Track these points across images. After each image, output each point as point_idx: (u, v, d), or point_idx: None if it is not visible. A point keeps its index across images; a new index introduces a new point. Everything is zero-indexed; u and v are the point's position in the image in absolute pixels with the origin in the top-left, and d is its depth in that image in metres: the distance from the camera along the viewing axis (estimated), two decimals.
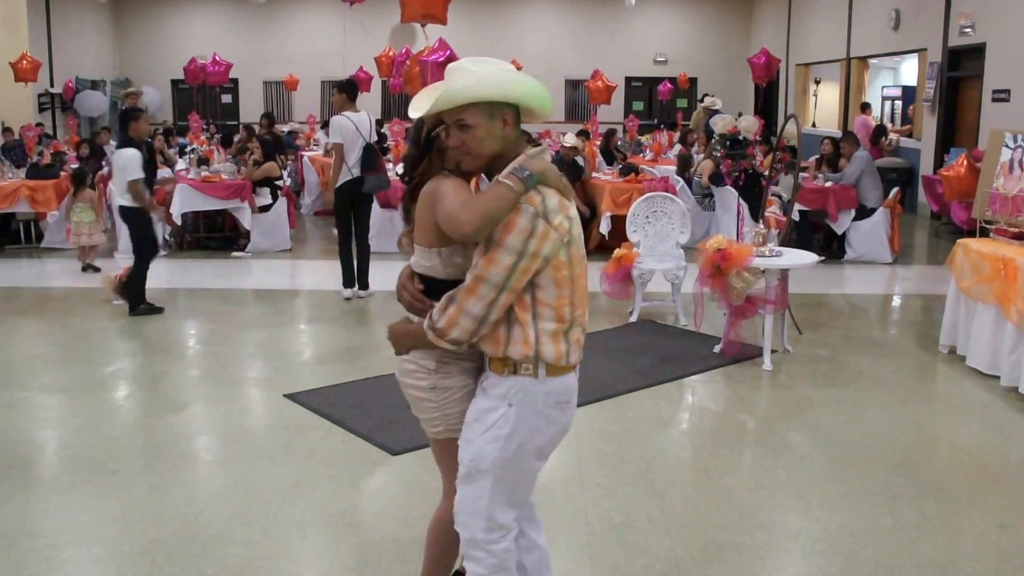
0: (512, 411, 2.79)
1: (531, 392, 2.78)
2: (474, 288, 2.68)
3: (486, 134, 2.75)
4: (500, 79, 2.75)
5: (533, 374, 2.77)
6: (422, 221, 2.87)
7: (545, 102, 2.81)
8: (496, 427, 2.80)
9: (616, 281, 7.70)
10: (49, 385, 6.24)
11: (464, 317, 2.70)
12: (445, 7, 10.25)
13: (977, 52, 13.15)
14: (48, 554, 3.89)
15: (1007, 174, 6.72)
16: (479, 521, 2.86)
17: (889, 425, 5.49)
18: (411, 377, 2.96)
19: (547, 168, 2.71)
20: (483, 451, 2.81)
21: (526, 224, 2.65)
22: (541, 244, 2.66)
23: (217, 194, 11.02)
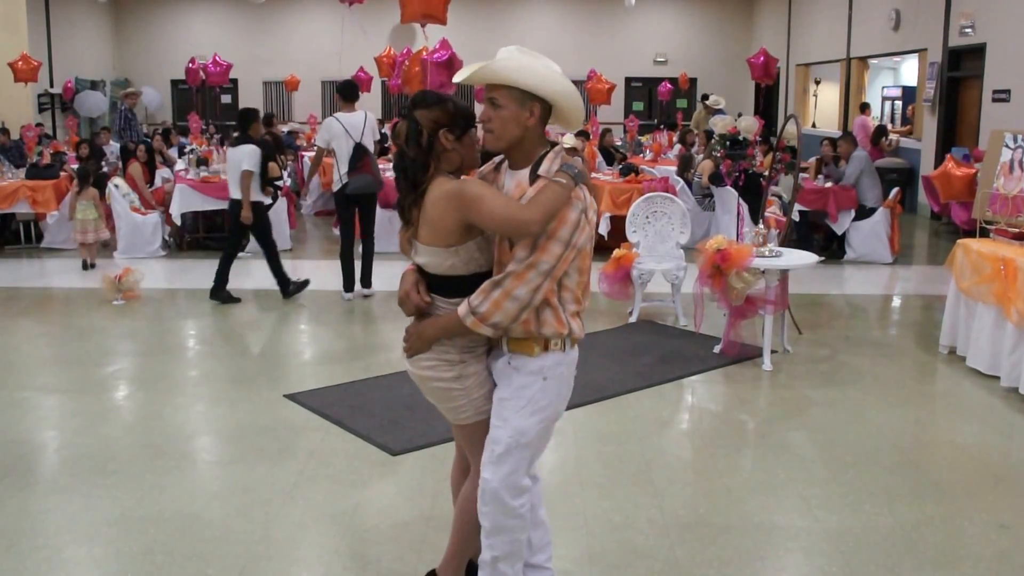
0: (548, 383, 3.07)
1: (561, 363, 3.08)
2: (523, 275, 2.89)
3: (513, 118, 2.96)
4: (543, 75, 2.98)
5: (562, 348, 3.07)
6: (441, 223, 2.97)
7: (576, 110, 3.06)
8: (534, 401, 3.06)
9: (615, 281, 7.70)
10: (49, 385, 6.24)
11: (511, 302, 2.90)
12: (445, 7, 10.26)
13: (977, 52, 13.15)
14: (48, 554, 3.89)
15: (1007, 174, 6.72)
16: (512, 491, 3.08)
17: (889, 425, 5.49)
18: (434, 371, 3.10)
19: (585, 168, 3.00)
20: (523, 426, 3.06)
21: (576, 218, 2.90)
22: (580, 236, 2.93)
23: (217, 194, 11.00)
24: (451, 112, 3.02)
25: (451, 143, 3.01)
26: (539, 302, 2.94)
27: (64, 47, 20.91)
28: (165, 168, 13.45)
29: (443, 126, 2.99)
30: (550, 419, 3.14)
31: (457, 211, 2.92)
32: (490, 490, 3.07)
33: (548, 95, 2.98)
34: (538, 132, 3.01)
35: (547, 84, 2.97)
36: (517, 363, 3.07)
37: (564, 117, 3.06)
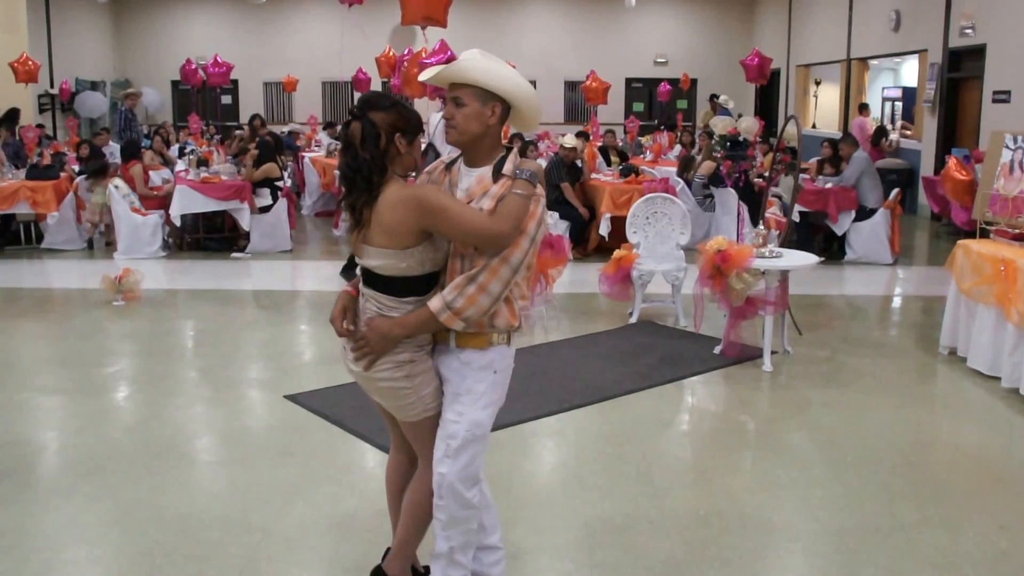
0: (498, 376, 3.19)
1: (507, 356, 3.21)
2: (497, 269, 2.99)
3: (475, 116, 3.06)
4: (502, 75, 3.08)
5: (507, 341, 3.19)
6: (399, 228, 2.99)
7: (533, 110, 3.15)
8: (487, 395, 3.16)
9: (616, 282, 7.70)
10: (49, 386, 6.24)
11: (485, 297, 3.00)
12: (446, 9, 10.25)
13: (977, 53, 13.15)
14: (48, 555, 3.89)
15: (1007, 175, 6.72)
16: (468, 483, 3.17)
17: (889, 426, 5.49)
18: (384, 373, 3.13)
19: (539, 166, 3.12)
20: (479, 418, 3.15)
21: (540, 212, 3.03)
22: (539, 231, 3.06)
23: (217, 195, 11.02)
24: (406, 117, 3.06)
25: (404, 147, 3.05)
26: (505, 292, 3.05)
27: (64, 48, 20.91)
28: (166, 169, 13.46)
29: (399, 130, 3.03)
30: (497, 411, 3.25)
31: (418, 218, 2.96)
32: (447, 484, 3.14)
33: (508, 95, 3.08)
34: (497, 131, 3.12)
35: (507, 84, 3.07)
36: (467, 358, 3.15)
37: (521, 118, 3.17)
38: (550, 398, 5.83)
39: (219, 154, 13.26)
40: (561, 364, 6.59)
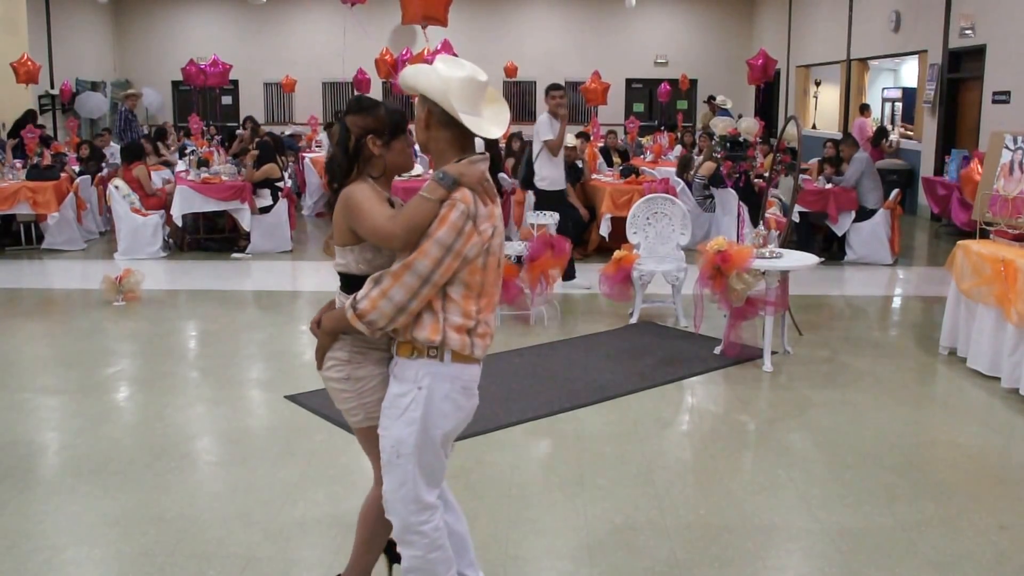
0: (422, 394, 2.94)
1: (439, 375, 2.94)
2: (400, 275, 2.83)
3: (419, 122, 3.00)
4: (419, 73, 2.95)
5: (439, 358, 2.93)
6: (337, 223, 3.05)
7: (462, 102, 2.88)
8: (410, 411, 2.95)
9: (616, 283, 7.71)
10: (50, 386, 6.24)
11: (385, 302, 2.85)
12: (446, 9, 10.26)
13: (977, 54, 13.16)
14: (49, 555, 3.89)
15: (1007, 176, 6.73)
16: (409, 505, 3.01)
17: (889, 426, 5.49)
18: (328, 370, 3.13)
19: (468, 171, 2.86)
20: (401, 435, 2.97)
21: (458, 220, 2.81)
22: (465, 245, 2.83)
23: (217, 195, 11.03)
24: (380, 118, 3.05)
25: (379, 148, 3.04)
26: (418, 308, 2.86)
27: (64, 48, 20.91)
28: (165, 169, 13.47)
29: (371, 131, 3.03)
30: (431, 436, 2.97)
31: (345, 216, 2.98)
32: (386, 500, 3.05)
33: (420, 91, 2.93)
34: (442, 135, 2.95)
35: (417, 81, 2.94)
36: (397, 369, 3.01)
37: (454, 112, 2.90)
38: (550, 398, 5.83)
39: (219, 154, 13.27)
40: (561, 364, 6.60)
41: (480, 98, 2.97)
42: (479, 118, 2.94)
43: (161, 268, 10.39)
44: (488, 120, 2.97)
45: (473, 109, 2.93)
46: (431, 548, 3.05)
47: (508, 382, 6.12)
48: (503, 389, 5.96)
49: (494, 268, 2.97)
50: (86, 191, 12.25)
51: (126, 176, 11.39)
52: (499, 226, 2.96)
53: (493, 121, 2.98)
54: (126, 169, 11.52)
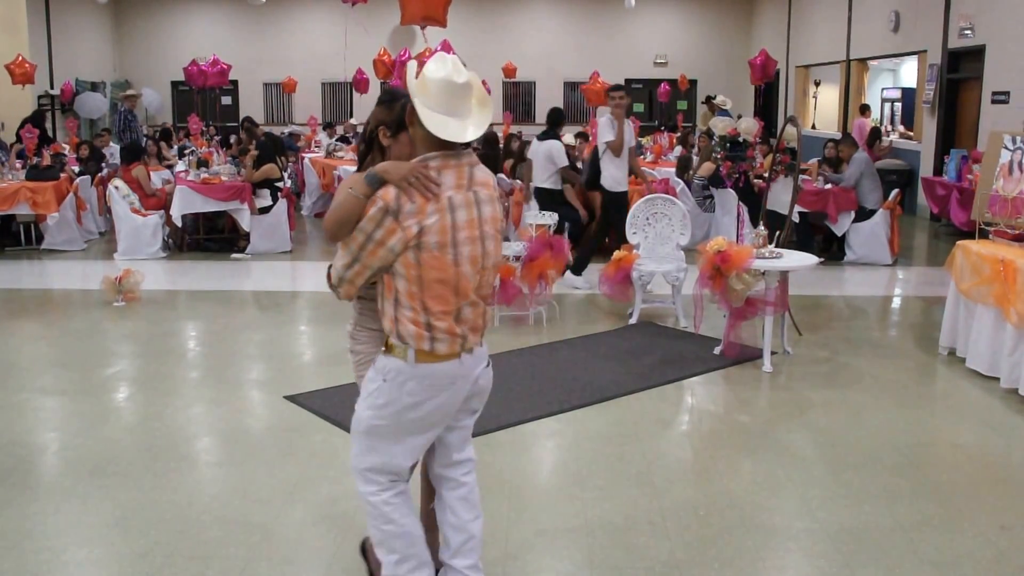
0: (385, 387, 3.07)
1: (402, 373, 3.04)
2: (345, 246, 3.00)
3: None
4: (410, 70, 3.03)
5: (403, 356, 3.02)
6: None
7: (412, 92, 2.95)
8: (373, 397, 3.12)
9: (616, 283, 7.71)
10: (49, 387, 6.24)
11: (334, 269, 3.06)
12: (445, 9, 10.26)
13: (977, 54, 13.16)
14: (48, 556, 3.89)
15: (1006, 176, 6.73)
16: (358, 474, 3.21)
17: (889, 426, 5.49)
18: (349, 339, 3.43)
19: (391, 168, 2.93)
20: (361, 415, 3.16)
21: (375, 214, 2.90)
22: (387, 237, 2.91)
23: (217, 196, 11.03)
24: (393, 111, 3.18)
25: (387, 140, 3.18)
26: (353, 281, 3.00)
27: (64, 49, 20.91)
28: (165, 169, 13.47)
29: (383, 123, 3.16)
30: (389, 424, 3.09)
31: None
32: (352, 467, 3.25)
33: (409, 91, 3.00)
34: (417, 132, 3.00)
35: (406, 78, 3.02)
36: (377, 356, 3.16)
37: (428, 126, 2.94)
38: (550, 398, 5.83)
39: (219, 155, 13.27)
40: (561, 364, 6.60)
41: (460, 99, 2.96)
42: (452, 118, 2.95)
43: (161, 268, 10.39)
44: (464, 122, 2.97)
45: (450, 110, 2.95)
46: (382, 520, 3.18)
47: (508, 383, 6.12)
48: (503, 390, 5.96)
49: (438, 265, 2.94)
50: (86, 191, 12.25)
51: (126, 176, 11.40)
52: (433, 223, 2.90)
53: (471, 124, 2.98)
54: (125, 169, 11.53)
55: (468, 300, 3.04)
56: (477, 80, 3.04)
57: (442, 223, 2.92)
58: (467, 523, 3.28)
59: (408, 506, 3.24)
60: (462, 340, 3.05)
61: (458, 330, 3.03)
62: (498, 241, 3.14)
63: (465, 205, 2.98)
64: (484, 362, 3.22)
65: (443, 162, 2.96)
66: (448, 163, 2.96)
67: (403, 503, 3.22)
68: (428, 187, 2.90)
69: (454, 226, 2.94)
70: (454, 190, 2.96)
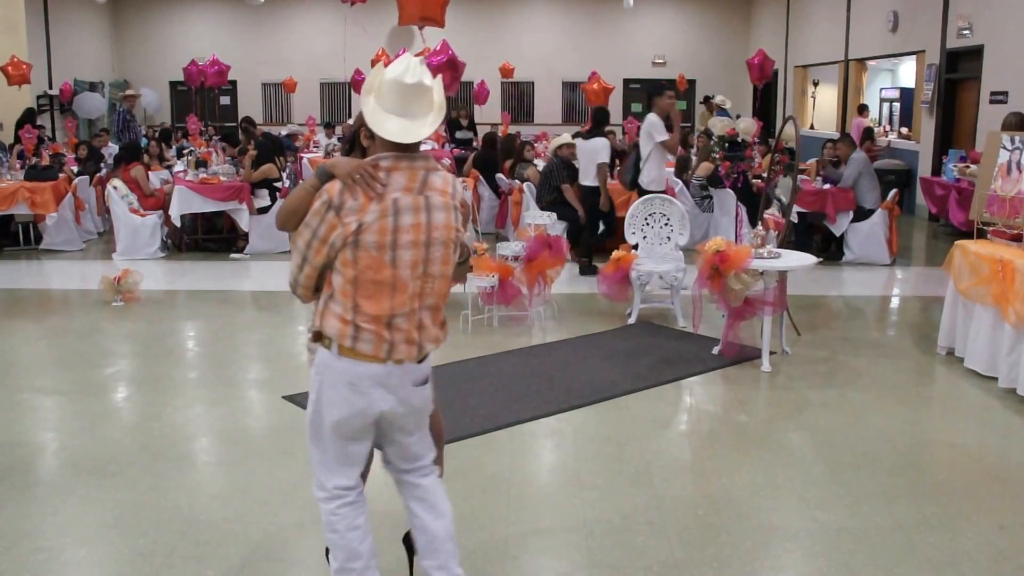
0: (316, 380, 3.06)
1: (329, 366, 3.02)
2: (294, 244, 3.00)
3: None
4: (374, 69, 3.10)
5: (329, 347, 3.01)
6: None
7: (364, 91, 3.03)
8: (311, 393, 3.10)
9: (614, 283, 7.71)
10: (48, 387, 6.24)
11: (291, 267, 3.04)
12: (443, 9, 10.27)
13: (975, 54, 13.16)
14: (48, 556, 3.89)
15: (1005, 176, 6.73)
16: (314, 480, 3.22)
17: (888, 426, 5.49)
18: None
19: (340, 163, 2.95)
20: (306, 416, 3.15)
21: (319, 207, 2.91)
22: (329, 232, 2.90)
23: (215, 196, 11.03)
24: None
25: (367, 141, 3.11)
26: (305, 284, 3.00)
27: (63, 49, 20.91)
28: (164, 170, 13.46)
29: (364, 124, 3.09)
30: (319, 421, 3.08)
31: None
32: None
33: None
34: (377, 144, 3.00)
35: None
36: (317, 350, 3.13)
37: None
38: (549, 398, 5.83)
39: (218, 155, 13.26)
40: (560, 364, 6.60)
41: (408, 100, 2.93)
42: (397, 118, 2.93)
43: (159, 268, 10.39)
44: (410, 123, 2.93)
45: (397, 109, 2.93)
46: (327, 527, 3.18)
47: (506, 383, 6.12)
48: (501, 390, 5.97)
49: (374, 265, 2.92)
50: (84, 191, 12.24)
51: (124, 176, 11.39)
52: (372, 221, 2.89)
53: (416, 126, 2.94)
54: (124, 169, 11.52)
55: (405, 309, 2.97)
56: (434, 84, 2.98)
57: (382, 223, 2.89)
58: (428, 524, 3.22)
59: (352, 521, 3.16)
60: (389, 346, 2.98)
61: (386, 335, 2.97)
62: (448, 249, 3.03)
63: (412, 209, 2.93)
64: (419, 380, 3.11)
65: (395, 163, 2.94)
66: (400, 164, 2.94)
67: (347, 516, 3.16)
68: (372, 185, 2.89)
69: (396, 228, 2.90)
70: (402, 192, 2.92)
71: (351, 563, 3.17)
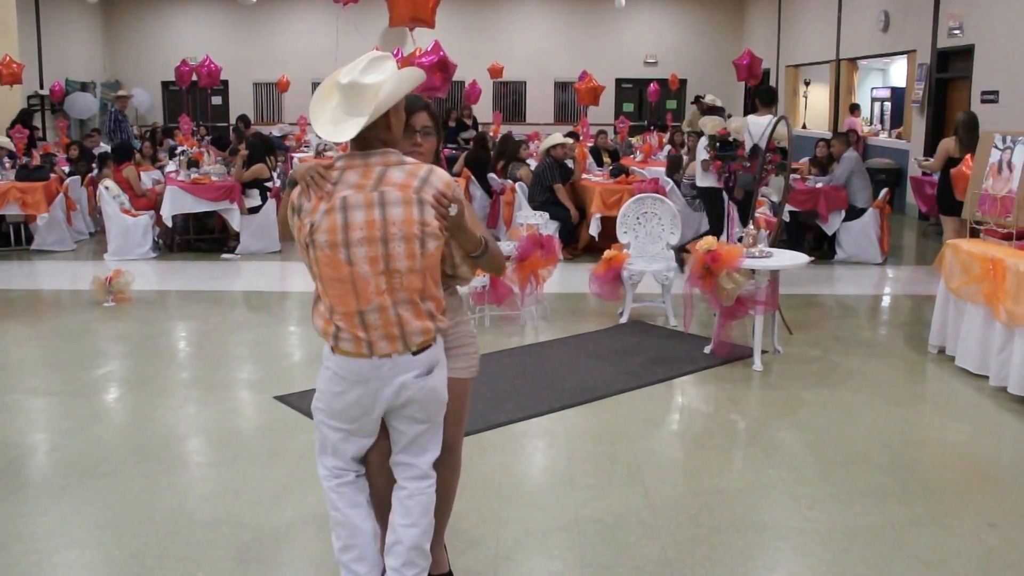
0: (322, 370, 3.16)
1: (326, 358, 3.13)
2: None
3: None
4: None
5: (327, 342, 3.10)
6: None
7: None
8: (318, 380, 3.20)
9: (606, 282, 7.71)
10: (39, 388, 6.22)
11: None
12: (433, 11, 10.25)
13: (966, 53, 13.20)
14: (38, 558, 3.88)
15: (996, 175, 6.75)
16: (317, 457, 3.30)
17: (879, 425, 5.51)
18: None
19: (299, 169, 3.06)
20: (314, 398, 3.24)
21: (288, 213, 3.07)
22: (298, 235, 3.04)
23: (207, 196, 11.01)
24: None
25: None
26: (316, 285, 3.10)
27: (54, 49, 20.83)
28: (155, 170, 13.43)
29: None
30: (320, 407, 3.18)
31: None
32: None
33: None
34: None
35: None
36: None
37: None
38: (540, 398, 5.83)
39: (209, 155, 13.23)
40: (552, 364, 6.60)
41: (346, 99, 2.96)
42: (333, 117, 3.00)
43: (151, 269, 10.37)
44: (342, 122, 2.97)
45: (355, 109, 2.95)
46: (330, 505, 3.25)
47: (498, 382, 6.12)
48: (493, 389, 5.97)
49: (330, 263, 2.97)
50: (76, 192, 12.20)
51: (116, 177, 11.36)
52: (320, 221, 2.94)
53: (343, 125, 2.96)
54: (116, 169, 11.49)
55: (371, 305, 2.97)
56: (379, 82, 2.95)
57: (330, 222, 2.93)
58: (397, 526, 3.20)
59: (353, 499, 3.22)
60: (368, 345, 3.00)
61: (361, 335, 2.98)
62: (412, 244, 2.96)
63: (364, 205, 2.93)
64: (416, 371, 3.07)
65: (348, 162, 2.99)
66: (354, 163, 2.98)
67: (347, 495, 3.22)
68: (320, 185, 2.96)
69: (346, 226, 2.93)
70: (353, 190, 2.94)
71: (355, 539, 3.20)
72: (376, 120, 2.95)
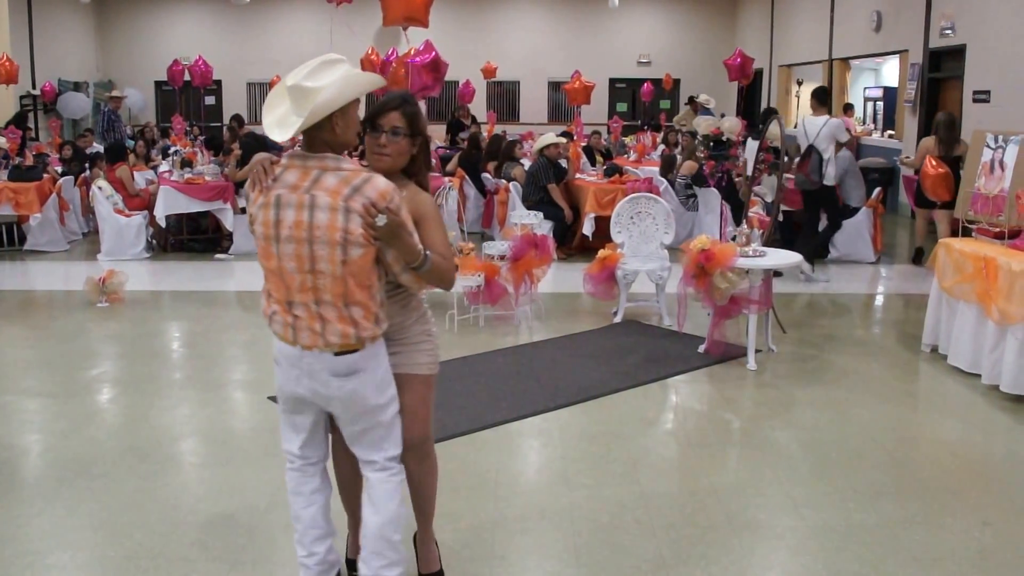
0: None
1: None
2: None
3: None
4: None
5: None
6: None
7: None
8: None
9: (600, 282, 7.72)
10: (33, 389, 6.21)
11: None
12: (427, 10, 10.24)
13: (958, 53, 13.24)
14: (32, 559, 3.87)
15: (988, 174, 6.78)
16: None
17: (872, 424, 5.52)
18: None
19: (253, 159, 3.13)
20: None
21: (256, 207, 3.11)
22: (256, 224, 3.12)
23: (200, 196, 10.99)
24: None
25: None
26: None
27: (47, 48, 20.77)
28: (148, 170, 13.41)
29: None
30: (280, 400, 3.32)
31: None
32: None
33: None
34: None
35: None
36: None
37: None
38: (535, 398, 5.84)
39: (203, 155, 13.22)
40: (546, 364, 6.61)
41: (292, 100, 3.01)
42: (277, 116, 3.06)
43: (144, 269, 10.35)
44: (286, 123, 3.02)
45: (299, 111, 2.99)
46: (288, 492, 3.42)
47: (492, 382, 6.12)
48: (487, 389, 5.97)
49: (265, 254, 3.09)
50: (69, 192, 12.17)
51: (109, 177, 11.34)
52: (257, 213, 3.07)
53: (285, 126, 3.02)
54: (109, 169, 11.47)
55: (297, 299, 3.06)
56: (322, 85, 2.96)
57: (265, 216, 3.04)
58: (366, 516, 3.29)
59: (296, 488, 3.37)
60: (293, 331, 3.09)
61: (290, 320, 3.09)
62: (334, 249, 2.95)
63: (296, 206, 2.98)
64: (338, 372, 3.09)
65: (291, 161, 3.06)
66: (295, 163, 3.05)
67: (292, 480, 3.38)
68: (260, 180, 3.06)
69: (277, 223, 3.01)
70: (288, 189, 3.00)
71: (297, 523, 3.39)
72: (321, 122, 2.98)
